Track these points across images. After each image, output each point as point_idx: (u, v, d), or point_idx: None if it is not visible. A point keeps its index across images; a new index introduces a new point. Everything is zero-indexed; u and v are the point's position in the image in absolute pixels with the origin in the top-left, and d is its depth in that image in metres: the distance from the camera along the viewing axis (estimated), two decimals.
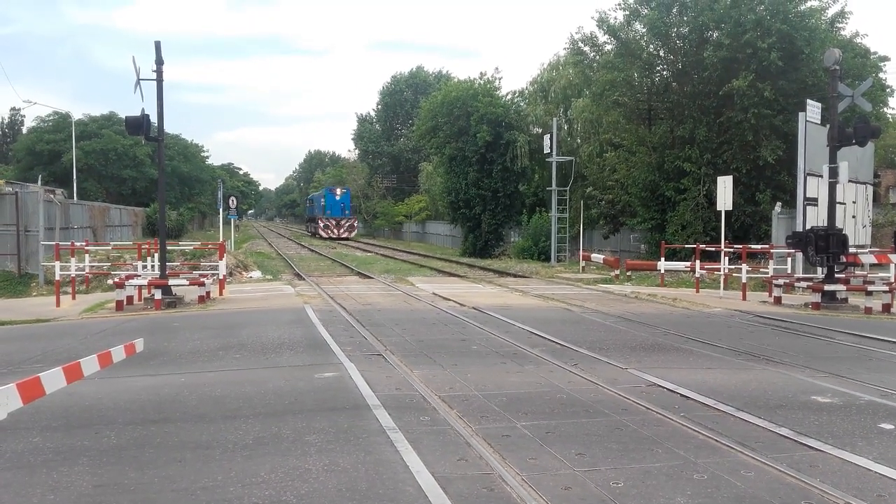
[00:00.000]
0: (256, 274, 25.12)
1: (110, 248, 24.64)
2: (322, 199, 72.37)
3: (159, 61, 15.85)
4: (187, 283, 17.05)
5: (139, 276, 17.90)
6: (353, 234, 69.35)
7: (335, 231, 68.37)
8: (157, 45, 15.88)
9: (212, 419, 7.09)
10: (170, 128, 74.50)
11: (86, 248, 20.70)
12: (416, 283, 21.59)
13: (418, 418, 6.98)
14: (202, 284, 16.96)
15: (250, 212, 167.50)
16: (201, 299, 16.70)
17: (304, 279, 23.23)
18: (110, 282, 18.88)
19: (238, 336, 12.00)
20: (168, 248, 18.19)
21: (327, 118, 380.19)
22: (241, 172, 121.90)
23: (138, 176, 60.67)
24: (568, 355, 10.22)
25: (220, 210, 30.02)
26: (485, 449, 6.06)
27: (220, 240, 23.27)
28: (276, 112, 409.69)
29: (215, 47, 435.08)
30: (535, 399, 7.78)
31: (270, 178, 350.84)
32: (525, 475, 5.46)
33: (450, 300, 16.78)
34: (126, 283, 16.40)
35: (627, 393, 7.99)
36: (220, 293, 18.25)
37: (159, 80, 15.91)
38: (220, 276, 18.83)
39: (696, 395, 7.90)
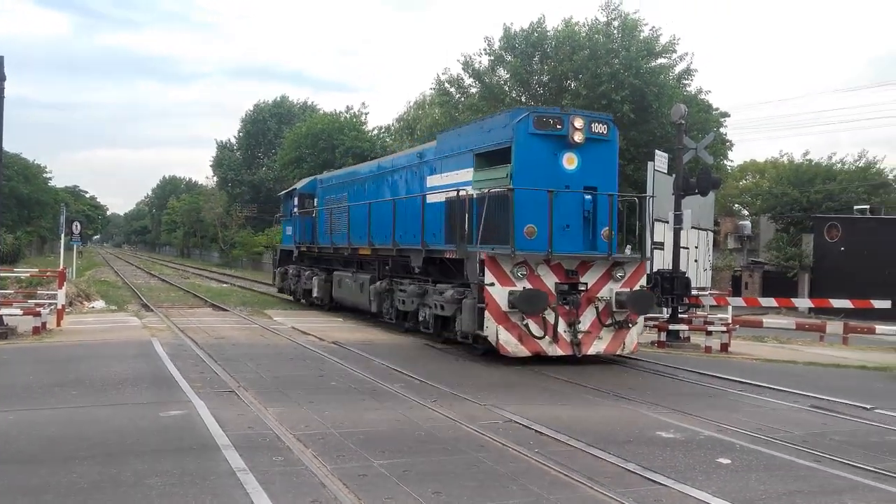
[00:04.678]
0: (100, 304, 23.59)
1: None
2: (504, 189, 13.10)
3: (1, 77, 14.71)
4: (21, 312, 15.73)
5: None
6: (630, 342, 13.43)
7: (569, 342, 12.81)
8: None
9: (43, 461, 6.51)
10: (9, 146, 68.60)
11: None
12: (274, 316, 20.98)
13: (271, 458, 6.70)
14: (38, 314, 15.71)
15: (96, 237, 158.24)
16: (36, 330, 15.44)
17: (152, 310, 22.02)
18: None
19: (76, 371, 11.14)
20: (1, 274, 16.77)
21: (185, 143, 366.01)
22: (87, 196, 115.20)
23: None
24: (428, 392, 10.19)
25: (62, 235, 28.10)
26: (340, 489, 5.89)
27: (61, 266, 21.71)
28: (129, 134, 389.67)
29: (65, 64, 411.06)
30: (393, 437, 7.68)
31: (120, 202, 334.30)
32: None
33: (309, 335, 16.41)
34: None
35: (485, 430, 8.04)
36: (58, 324, 16.95)
37: (0, 97, 14.75)
38: (59, 306, 17.52)
39: (550, 431, 8.07)
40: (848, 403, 10.28)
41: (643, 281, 13.84)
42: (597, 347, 13.15)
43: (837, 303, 19.86)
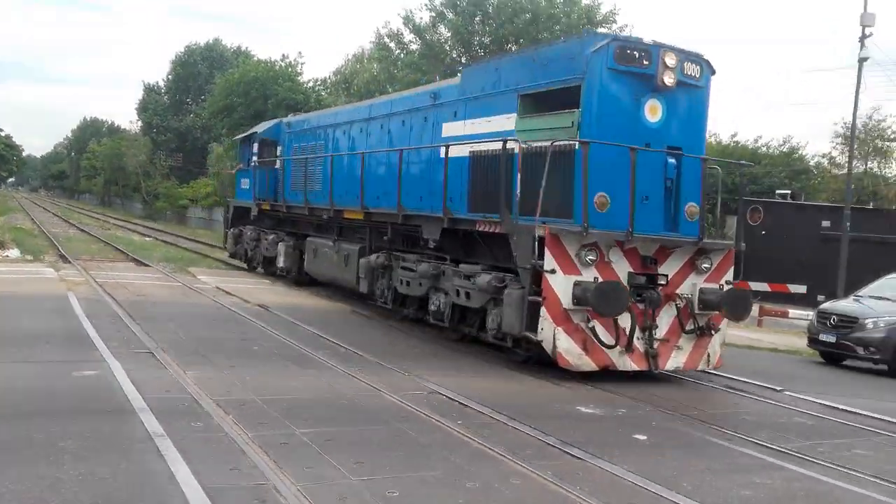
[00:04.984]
0: (14, 253, 22.60)
1: None
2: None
3: None
4: None
5: None
6: (714, 353, 10.66)
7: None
8: None
9: None
10: None
11: None
12: (198, 274, 20.46)
13: (189, 424, 6.56)
14: None
15: (10, 180, 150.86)
16: None
17: (70, 262, 21.20)
18: None
19: None
20: None
21: (109, 83, 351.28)
22: (2, 134, 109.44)
23: None
24: (354, 360, 10.12)
25: None
26: (260, 457, 5.82)
27: None
28: (51, 70, 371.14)
29: None
30: (316, 405, 7.63)
31: (38, 143, 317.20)
32: (300, 485, 5.31)
33: (234, 296, 16.07)
34: None
35: (409, 401, 8.05)
36: None
37: None
38: None
39: (474, 403, 8.14)
40: (759, 385, 10.73)
41: (730, 275, 10.73)
42: (676, 361, 10.18)
43: (755, 285, 20.59)
